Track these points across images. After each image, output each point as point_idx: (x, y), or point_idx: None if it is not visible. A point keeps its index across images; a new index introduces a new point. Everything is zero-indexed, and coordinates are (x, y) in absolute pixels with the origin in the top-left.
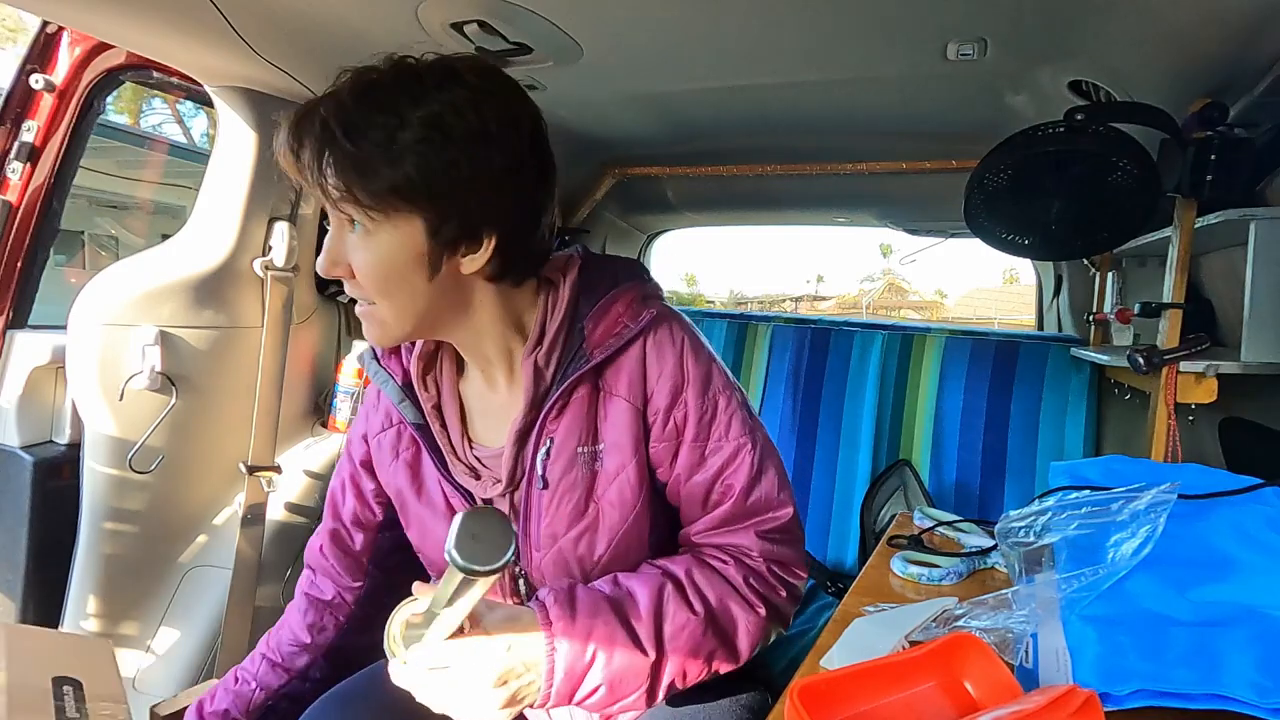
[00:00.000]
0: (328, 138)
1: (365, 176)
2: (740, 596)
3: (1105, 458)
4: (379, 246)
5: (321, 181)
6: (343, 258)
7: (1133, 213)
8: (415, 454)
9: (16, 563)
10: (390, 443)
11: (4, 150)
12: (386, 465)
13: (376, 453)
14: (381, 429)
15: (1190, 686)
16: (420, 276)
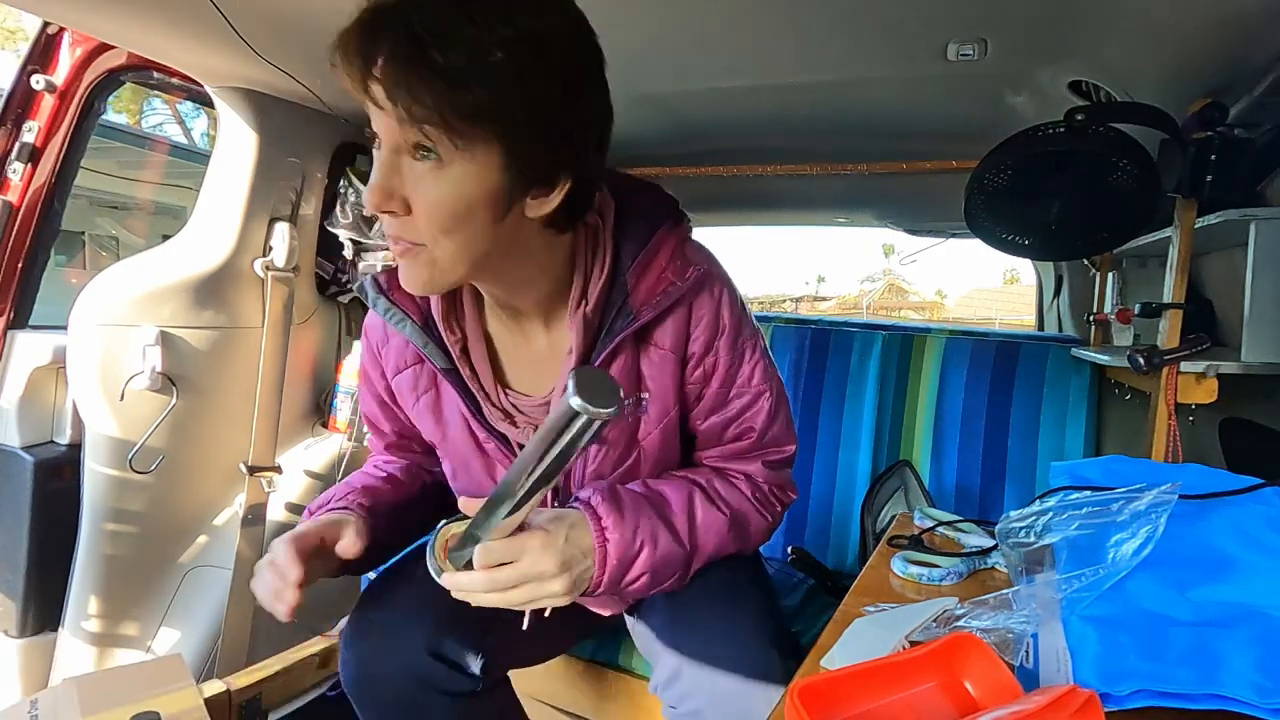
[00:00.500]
0: (416, 45)
1: (457, 93)
2: (752, 504)
3: (1106, 458)
4: (452, 179)
5: (403, 96)
6: (399, 190)
7: (1133, 213)
8: (435, 397)
9: (17, 563)
10: (409, 383)
11: (5, 151)
12: (410, 405)
13: (399, 392)
14: (398, 370)
15: (1190, 686)
16: (488, 217)
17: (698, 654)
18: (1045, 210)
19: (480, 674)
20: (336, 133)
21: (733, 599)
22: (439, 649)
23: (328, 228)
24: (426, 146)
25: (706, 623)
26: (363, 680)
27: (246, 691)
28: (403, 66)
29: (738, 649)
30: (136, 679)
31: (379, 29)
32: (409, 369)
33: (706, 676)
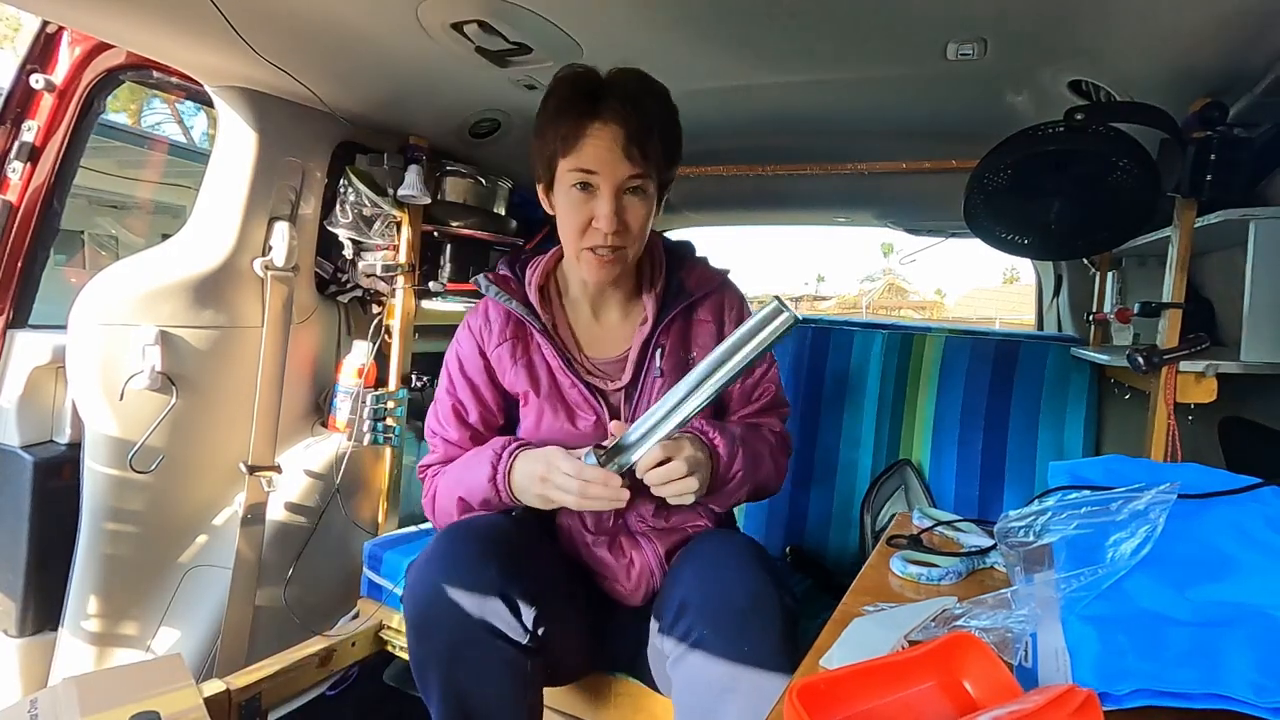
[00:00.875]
0: (646, 120)
1: (665, 153)
2: (778, 446)
3: (1105, 457)
4: (648, 204)
5: (639, 155)
6: (622, 215)
7: (1133, 212)
8: (529, 361)
9: (17, 562)
10: (508, 354)
11: (4, 150)
12: (508, 372)
13: (497, 363)
14: (499, 343)
15: (1189, 686)
16: (650, 223)
17: (701, 588)
18: (1045, 210)
19: (531, 628)
20: (336, 132)
21: (737, 551)
22: (506, 590)
23: (327, 227)
24: (639, 187)
25: (711, 565)
26: (430, 605)
27: (246, 691)
28: (639, 135)
29: (738, 582)
30: (136, 679)
31: (619, 107)
32: (507, 342)
33: (710, 604)
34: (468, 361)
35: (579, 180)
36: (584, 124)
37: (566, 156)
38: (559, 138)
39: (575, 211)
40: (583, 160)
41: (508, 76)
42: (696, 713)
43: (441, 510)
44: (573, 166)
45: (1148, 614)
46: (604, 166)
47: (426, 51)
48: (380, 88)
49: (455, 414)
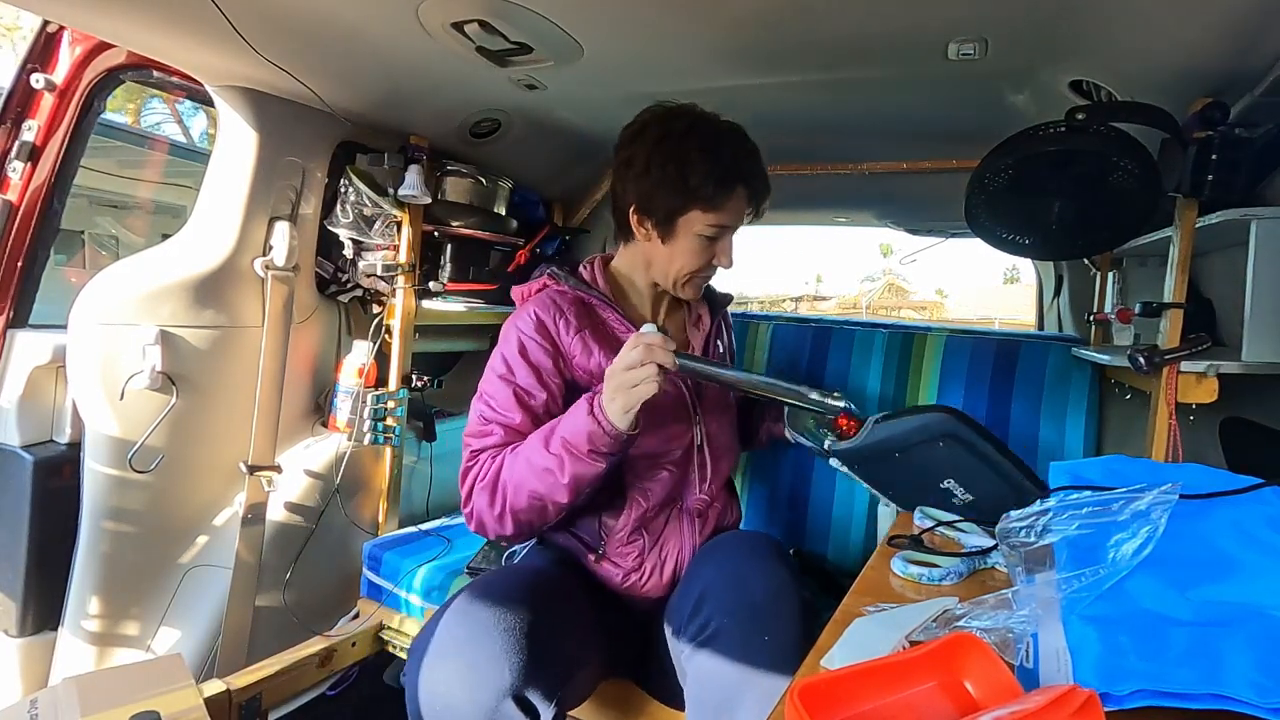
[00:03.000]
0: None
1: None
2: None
3: (1106, 457)
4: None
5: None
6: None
7: (1133, 212)
8: (610, 345)
9: (17, 562)
10: (590, 338)
11: (5, 149)
12: (594, 355)
13: (572, 350)
14: (579, 329)
15: (1191, 686)
16: None
17: (721, 580)
18: (1046, 210)
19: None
20: (336, 132)
21: (756, 547)
22: (521, 692)
23: (328, 227)
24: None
25: (731, 560)
26: (433, 698)
27: (246, 691)
28: (760, 199)
29: (757, 575)
30: (136, 678)
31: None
32: (586, 329)
33: (729, 596)
34: (533, 349)
35: (714, 233)
36: (731, 190)
37: (707, 212)
38: (702, 196)
39: (700, 253)
40: (724, 218)
41: (508, 76)
42: (713, 705)
43: (514, 483)
44: (713, 223)
45: (1149, 614)
46: (735, 222)
47: (427, 51)
48: (381, 87)
49: (518, 399)
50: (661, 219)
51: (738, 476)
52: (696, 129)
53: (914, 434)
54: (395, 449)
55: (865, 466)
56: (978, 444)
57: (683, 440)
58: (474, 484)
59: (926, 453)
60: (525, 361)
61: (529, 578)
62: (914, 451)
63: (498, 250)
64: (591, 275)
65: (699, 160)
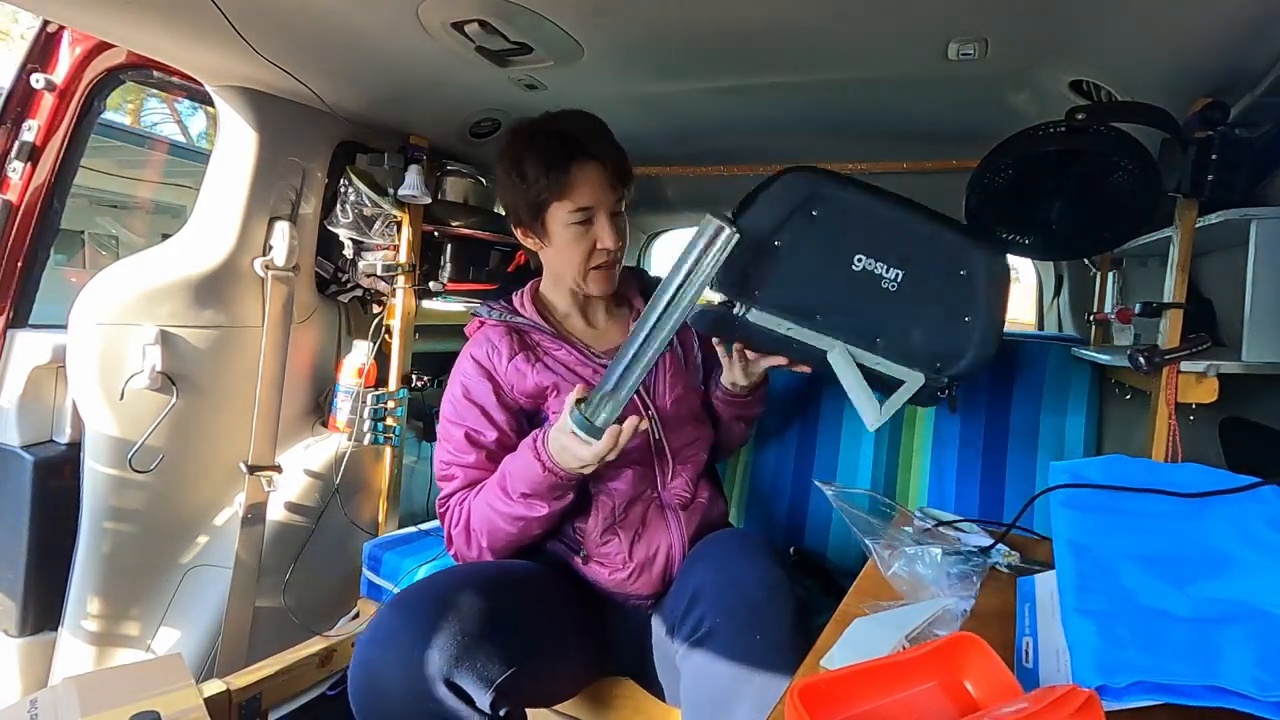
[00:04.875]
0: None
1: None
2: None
3: (1106, 457)
4: (625, 216)
5: (625, 183)
6: (617, 234)
7: (1134, 213)
8: (543, 366)
9: (17, 562)
10: (523, 363)
11: (5, 150)
12: (529, 377)
13: (511, 377)
14: (509, 359)
15: (1190, 679)
16: None
17: (714, 578)
18: (1046, 210)
19: (489, 710)
20: (336, 132)
21: (749, 545)
22: (452, 677)
23: (328, 227)
24: (620, 210)
25: (723, 557)
26: (371, 688)
27: (246, 691)
28: (619, 166)
29: (751, 572)
30: (136, 678)
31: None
32: (518, 354)
33: (723, 595)
34: (474, 389)
35: (579, 219)
36: (573, 168)
37: (561, 199)
38: (548, 185)
39: (579, 243)
40: (580, 199)
41: (508, 76)
42: (708, 705)
43: (487, 529)
44: (572, 207)
45: (1148, 610)
46: (598, 200)
47: (427, 51)
48: (381, 87)
49: (469, 440)
50: (532, 223)
51: (735, 474)
52: (532, 127)
53: (775, 206)
54: (395, 449)
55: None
56: (854, 197)
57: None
58: (450, 528)
59: (807, 233)
60: (469, 402)
61: (490, 571)
62: (793, 238)
63: (498, 250)
64: (520, 302)
65: (532, 155)
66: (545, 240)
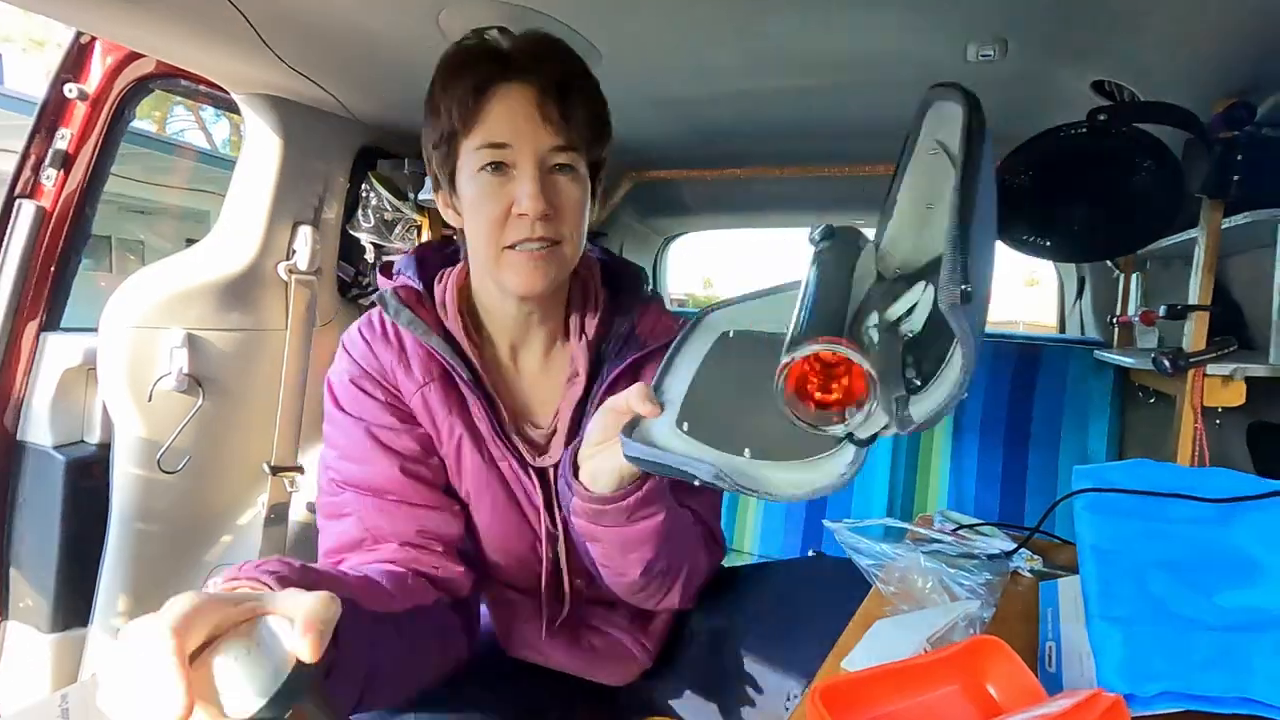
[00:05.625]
0: (579, 76)
1: (595, 123)
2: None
3: (1130, 461)
4: (583, 187)
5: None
6: (551, 198)
7: (1157, 214)
8: (465, 411)
9: (49, 559)
10: (440, 396)
11: (39, 157)
12: (443, 418)
13: (428, 408)
14: (423, 383)
15: (1218, 690)
16: (588, 217)
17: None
18: (1067, 211)
19: None
20: (358, 138)
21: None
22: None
23: (349, 231)
24: (566, 164)
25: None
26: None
27: None
28: (559, 91)
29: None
30: None
31: (529, 62)
32: (436, 381)
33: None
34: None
35: (489, 160)
36: (487, 87)
37: (470, 134)
38: (455, 112)
39: (488, 200)
40: (491, 132)
41: None
42: None
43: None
44: (480, 143)
45: (1175, 617)
46: (519, 135)
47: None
48: (402, 94)
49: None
50: (443, 174)
51: None
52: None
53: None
54: None
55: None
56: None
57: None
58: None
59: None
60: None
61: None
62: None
63: None
64: (445, 290)
65: (443, 78)
66: (457, 200)
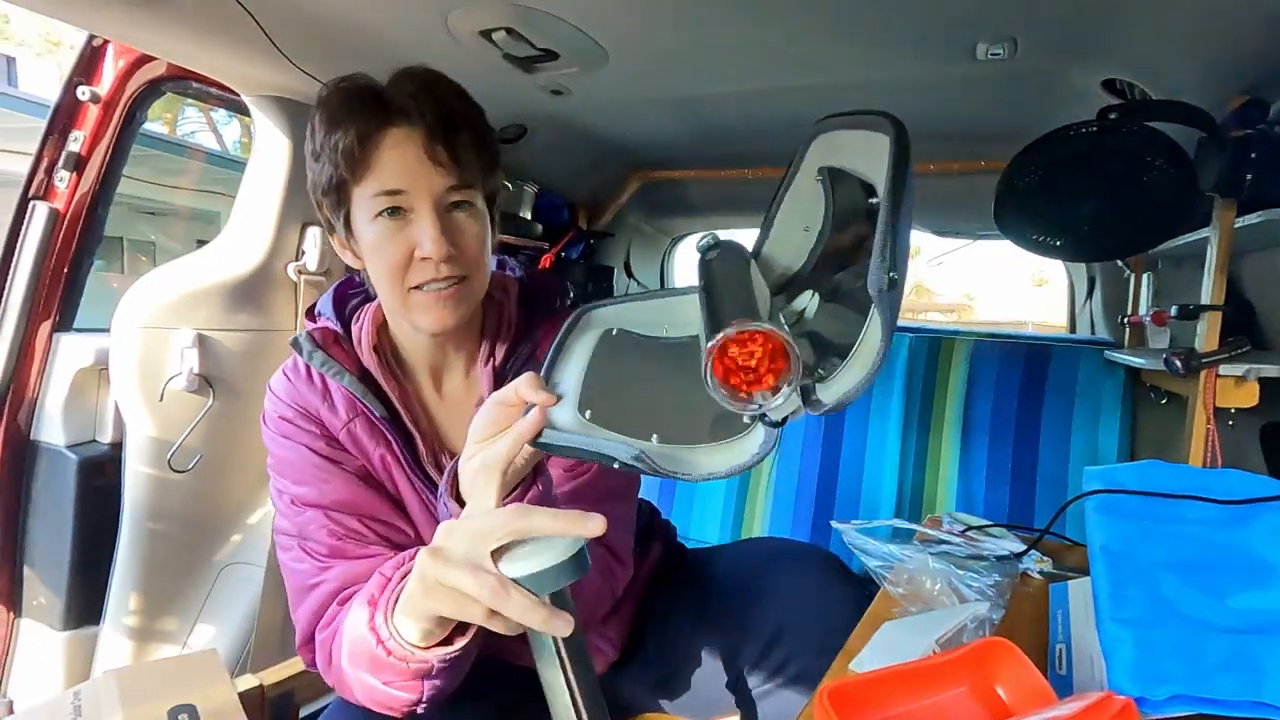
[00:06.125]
0: (454, 121)
1: (483, 157)
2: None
3: (1141, 463)
4: (482, 220)
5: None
6: (452, 237)
7: (1169, 213)
8: (389, 443)
9: (61, 558)
10: (365, 430)
11: (53, 159)
12: (372, 450)
13: (353, 444)
14: (349, 419)
15: (1231, 694)
16: (490, 247)
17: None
18: (1077, 210)
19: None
20: None
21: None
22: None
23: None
24: (463, 201)
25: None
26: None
27: (279, 686)
28: (446, 133)
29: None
30: (174, 672)
31: (412, 105)
32: (360, 417)
33: (808, 631)
34: (312, 445)
35: (386, 206)
36: (373, 134)
37: (361, 181)
38: (343, 162)
39: (388, 245)
40: (384, 180)
41: (534, 82)
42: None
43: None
44: (374, 190)
45: (1187, 620)
46: (413, 180)
47: (455, 59)
48: None
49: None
50: (335, 219)
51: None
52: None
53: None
54: None
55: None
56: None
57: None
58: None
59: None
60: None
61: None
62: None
63: (523, 254)
64: (362, 329)
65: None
66: (356, 245)
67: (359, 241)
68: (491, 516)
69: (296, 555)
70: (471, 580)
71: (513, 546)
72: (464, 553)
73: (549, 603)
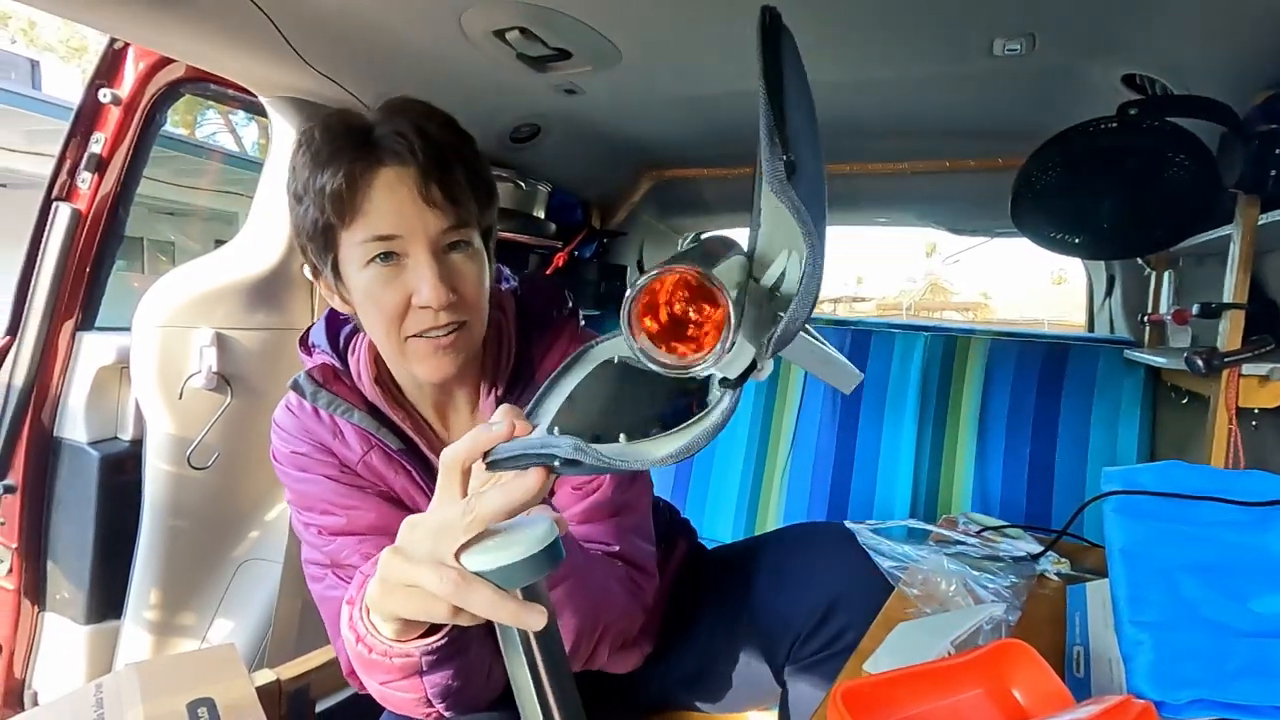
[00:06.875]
0: (454, 148)
1: (479, 196)
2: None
3: (1161, 463)
4: (480, 260)
5: (465, 196)
6: (451, 281)
7: (1190, 210)
8: (408, 477)
9: (84, 553)
10: (382, 461)
11: (75, 161)
12: (393, 479)
13: (371, 475)
14: (364, 452)
15: (1254, 698)
16: (489, 286)
17: (850, 586)
18: (1096, 207)
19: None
20: None
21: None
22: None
23: None
24: (461, 241)
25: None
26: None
27: (296, 681)
28: (439, 172)
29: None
30: (193, 667)
31: (402, 142)
32: (375, 449)
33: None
34: (332, 475)
35: (379, 252)
36: (362, 175)
37: (350, 226)
38: (329, 206)
39: (384, 292)
40: (376, 225)
41: (548, 82)
42: None
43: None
44: (365, 236)
45: (1208, 623)
46: (407, 225)
47: (469, 58)
48: (424, 95)
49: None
50: (325, 264)
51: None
52: (320, 122)
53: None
54: None
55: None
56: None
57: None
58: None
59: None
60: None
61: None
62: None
63: (536, 253)
64: (359, 361)
65: (307, 160)
66: (347, 291)
67: (349, 288)
68: (449, 508)
69: (331, 583)
70: (433, 576)
71: (483, 538)
72: (427, 549)
73: (520, 596)
